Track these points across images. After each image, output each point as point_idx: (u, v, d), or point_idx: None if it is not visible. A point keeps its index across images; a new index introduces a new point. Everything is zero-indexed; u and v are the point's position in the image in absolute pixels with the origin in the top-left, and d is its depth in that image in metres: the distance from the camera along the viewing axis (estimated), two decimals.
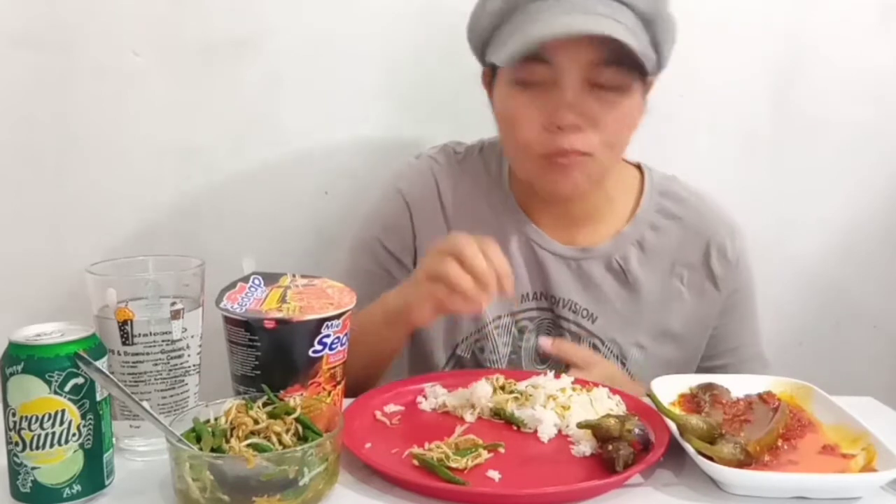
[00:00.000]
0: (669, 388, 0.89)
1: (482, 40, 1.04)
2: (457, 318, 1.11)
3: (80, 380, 0.69)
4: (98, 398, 0.71)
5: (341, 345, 0.81)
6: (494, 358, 1.11)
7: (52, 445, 0.69)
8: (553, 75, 0.96)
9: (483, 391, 0.89)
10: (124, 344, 0.78)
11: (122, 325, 0.77)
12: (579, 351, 1.07)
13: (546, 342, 1.06)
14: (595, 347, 1.10)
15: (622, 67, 0.95)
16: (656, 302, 1.11)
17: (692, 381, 0.91)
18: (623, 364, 1.10)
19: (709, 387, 0.88)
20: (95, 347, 0.71)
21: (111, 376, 0.71)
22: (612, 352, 1.10)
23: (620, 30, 0.92)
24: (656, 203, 1.12)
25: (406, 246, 1.13)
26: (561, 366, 1.04)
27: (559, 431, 0.84)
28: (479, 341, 1.11)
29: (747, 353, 1.15)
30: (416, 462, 0.76)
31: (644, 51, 0.95)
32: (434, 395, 0.92)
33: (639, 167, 1.15)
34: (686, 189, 1.14)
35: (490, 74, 1.06)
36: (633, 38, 0.93)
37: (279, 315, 0.77)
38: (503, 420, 0.87)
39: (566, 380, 0.91)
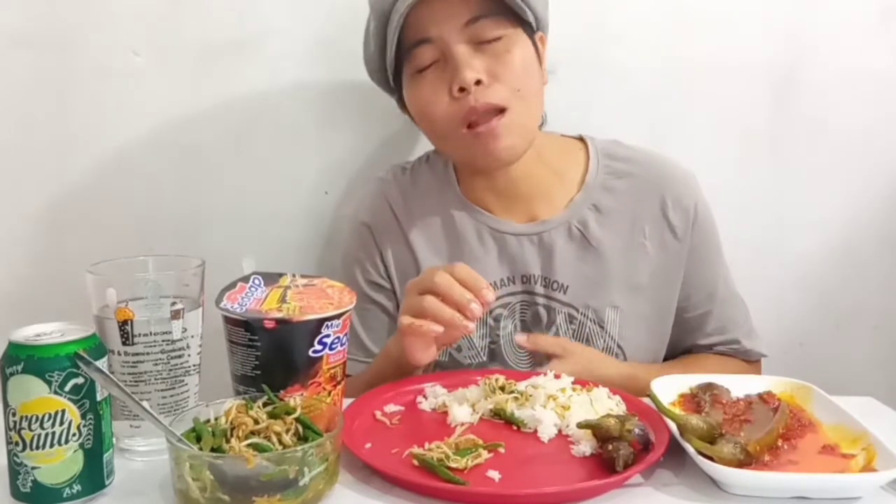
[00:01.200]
0: (669, 388, 0.89)
1: (379, 65, 1.08)
2: None
3: (80, 380, 0.70)
4: (98, 398, 0.71)
5: (341, 345, 0.81)
6: (472, 353, 1.13)
7: (52, 445, 0.69)
8: (439, 49, 1.00)
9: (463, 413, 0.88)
10: (124, 344, 0.78)
11: (122, 325, 0.77)
12: (555, 341, 1.07)
13: (521, 338, 1.06)
14: (571, 317, 1.11)
15: (497, 18, 1.00)
16: (622, 260, 1.12)
17: (692, 381, 0.91)
18: (601, 327, 1.11)
19: (709, 387, 0.88)
20: (95, 347, 0.71)
21: (111, 376, 0.71)
22: (587, 317, 1.11)
23: None
24: (604, 166, 1.14)
25: (381, 272, 1.17)
26: (542, 357, 1.05)
27: (559, 431, 0.84)
28: (463, 340, 1.12)
29: (723, 294, 1.16)
30: (416, 462, 0.76)
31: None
32: (434, 395, 0.92)
33: (581, 139, 1.18)
34: (631, 148, 1.17)
35: (402, 99, 1.11)
36: None
37: (279, 315, 0.77)
38: (503, 420, 0.87)
39: (566, 380, 0.92)
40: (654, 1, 1.36)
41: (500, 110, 1.01)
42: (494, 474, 0.74)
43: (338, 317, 0.79)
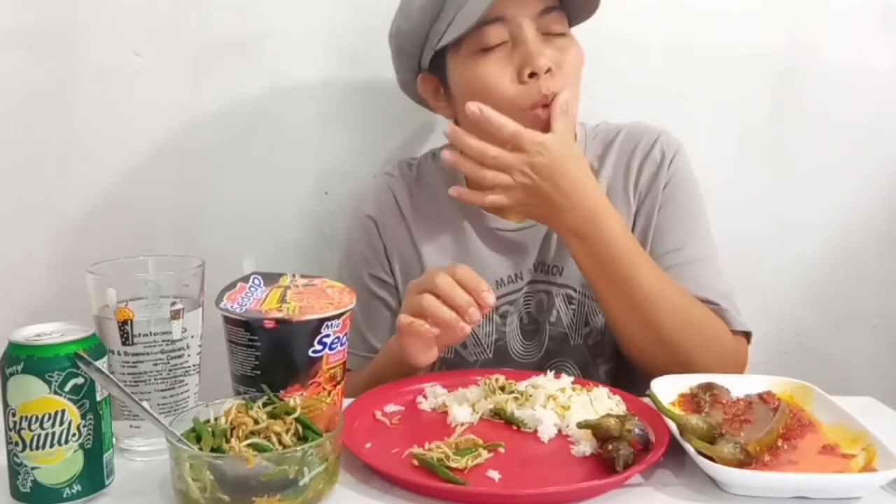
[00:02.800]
0: (669, 388, 0.88)
1: (416, 42, 1.08)
2: None
3: (80, 380, 0.70)
4: (98, 398, 0.71)
5: (341, 345, 0.81)
6: (478, 350, 1.13)
7: (52, 445, 0.69)
8: (511, 31, 1.01)
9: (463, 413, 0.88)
10: (124, 344, 0.78)
11: (122, 325, 0.77)
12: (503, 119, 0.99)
13: (446, 153, 1.01)
14: (569, 297, 1.11)
15: (563, 14, 1.04)
16: None
17: (692, 381, 0.91)
18: (597, 302, 1.07)
19: (709, 387, 0.88)
20: (95, 347, 0.71)
21: (111, 376, 0.71)
22: (585, 295, 1.11)
23: None
24: (593, 148, 1.15)
25: (385, 267, 1.17)
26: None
27: (559, 431, 0.84)
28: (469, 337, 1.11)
29: (692, 254, 1.08)
30: (416, 462, 0.76)
31: None
32: (434, 395, 0.92)
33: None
34: (614, 124, 1.18)
35: (432, 78, 1.10)
36: None
37: (279, 315, 0.77)
38: (503, 420, 0.87)
39: (566, 380, 0.91)
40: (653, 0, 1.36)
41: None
42: (494, 474, 0.74)
43: (338, 317, 0.79)
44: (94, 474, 0.72)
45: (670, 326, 0.97)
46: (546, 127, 0.99)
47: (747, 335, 1.06)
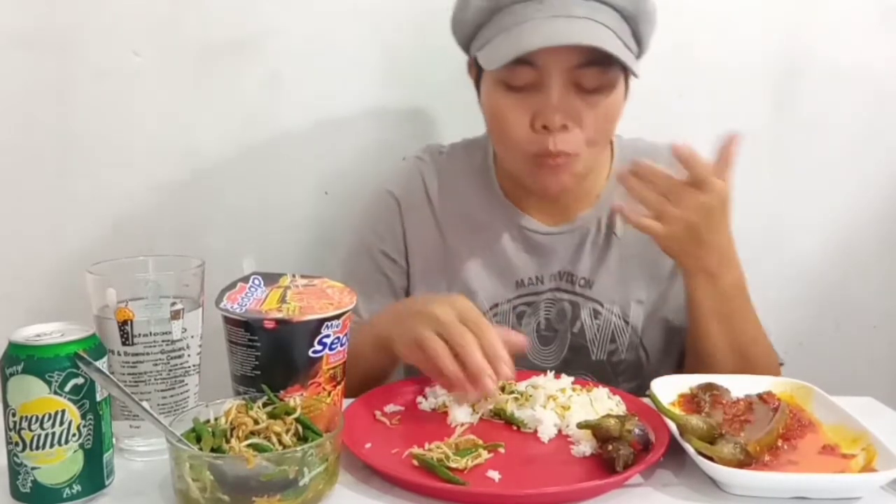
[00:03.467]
0: (669, 388, 0.89)
1: (466, 35, 1.06)
2: None
3: (80, 380, 0.69)
4: (98, 398, 0.71)
5: (341, 345, 0.81)
6: None
7: (52, 445, 0.69)
8: (538, 78, 0.98)
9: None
10: (124, 344, 0.78)
11: (122, 325, 0.77)
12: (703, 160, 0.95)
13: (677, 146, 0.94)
14: (596, 312, 1.11)
15: (603, 67, 0.97)
16: (645, 253, 1.10)
17: (692, 381, 0.91)
18: (626, 322, 1.11)
19: (709, 387, 0.88)
20: (95, 347, 0.71)
21: (111, 376, 0.71)
22: (612, 312, 1.11)
23: (603, 34, 0.96)
24: (629, 160, 1.13)
25: (399, 248, 1.15)
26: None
27: (559, 431, 0.84)
28: None
29: None
30: (416, 462, 0.76)
31: (622, 51, 0.96)
32: (434, 395, 0.92)
33: None
34: (654, 142, 1.17)
35: (476, 65, 1.07)
36: (614, 38, 0.96)
37: (279, 315, 0.77)
38: (503, 420, 0.87)
39: (566, 380, 0.92)
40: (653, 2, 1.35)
41: (572, 154, 1.01)
42: (494, 474, 0.74)
43: (338, 317, 0.79)
44: (94, 474, 0.72)
45: (757, 357, 1.02)
46: (548, 174, 1.01)
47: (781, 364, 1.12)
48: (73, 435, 0.70)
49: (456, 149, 1.20)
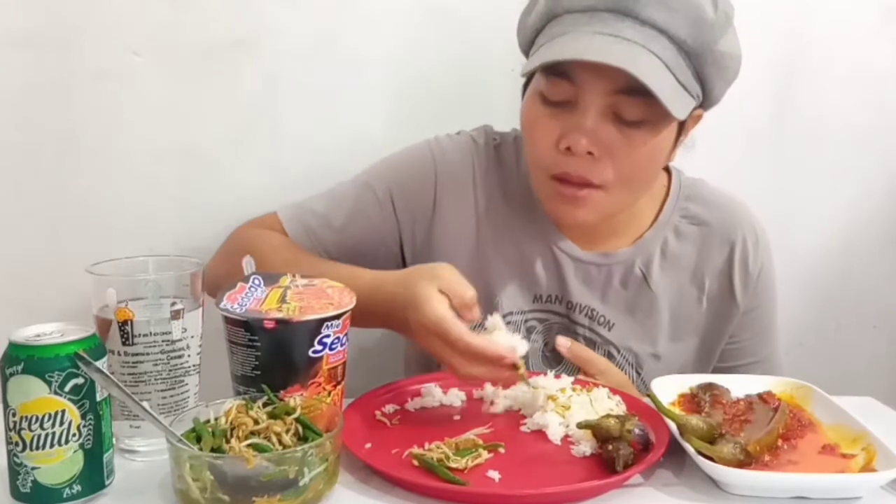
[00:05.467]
0: (669, 388, 0.89)
1: (527, 39, 1.00)
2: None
3: (80, 380, 0.69)
4: (98, 398, 0.71)
5: (341, 345, 0.81)
6: None
7: (52, 445, 0.69)
8: (575, 95, 0.92)
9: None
10: (124, 344, 0.78)
11: (122, 325, 0.77)
12: (595, 359, 0.99)
13: (564, 343, 0.98)
14: (610, 355, 1.07)
15: (648, 99, 0.88)
16: (675, 309, 1.08)
17: (692, 381, 0.91)
18: (638, 373, 1.08)
19: (709, 387, 0.88)
20: (95, 347, 0.71)
21: (111, 376, 0.71)
22: (627, 360, 1.08)
23: (646, 62, 0.87)
24: (681, 208, 1.09)
25: (415, 215, 1.08)
26: (572, 369, 1.00)
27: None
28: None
29: (763, 368, 1.12)
30: (416, 462, 0.76)
31: (667, 84, 0.88)
32: (433, 395, 0.92)
33: (667, 169, 1.11)
34: (714, 192, 1.11)
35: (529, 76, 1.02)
36: (662, 72, 0.88)
37: (279, 315, 0.77)
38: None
39: (566, 380, 0.91)
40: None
41: (595, 185, 0.94)
42: (494, 474, 0.75)
43: (338, 317, 0.79)
44: (94, 474, 0.72)
45: None
46: (566, 203, 0.96)
47: None
48: (73, 435, 0.70)
49: (507, 140, 1.12)
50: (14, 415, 0.69)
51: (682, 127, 0.98)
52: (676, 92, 0.90)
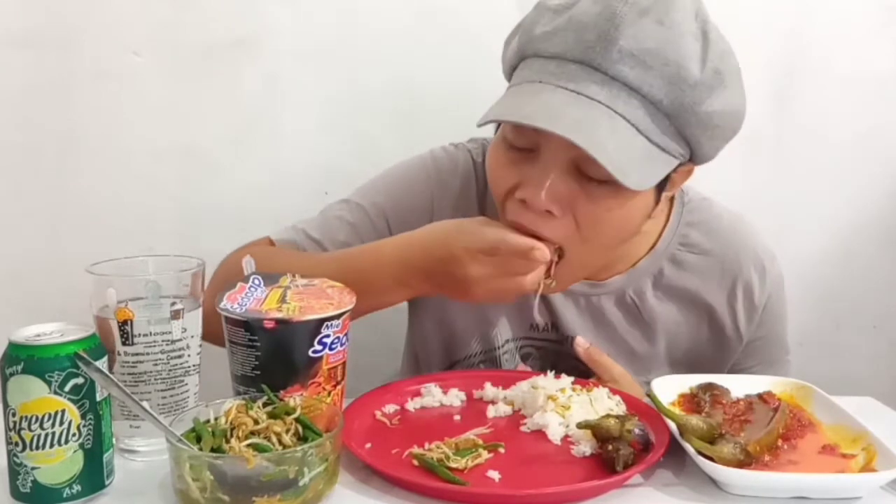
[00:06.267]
0: (669, 388, 0.88)
1: (506, 73, 0.96)
2: (458, 337, 1.07)
3: (80, 380, 0.69)
4: (98, 398, 0.71)
5: (341, 345, 0.81)
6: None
7: (52, 445, 0.69)
8: (538, 145, 0.85)
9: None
10: (124, 344, 0.78)
11: (122, 325, 0.77)
12: (610, 366, 0.95)
13: (582, 343, 0.95)
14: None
15: None
16: (672, 340, 1.04)
17: (692, 381, 0.91)
18: None
19: (709, 387, 0.88)
20: (95, 347, 0.71)
21: (111, 376, 0.71)
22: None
23: (603, 128, 0.80)
24: (682, 235, 1.02)
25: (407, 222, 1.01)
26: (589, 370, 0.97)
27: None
28: (483, 363, 1.06)
29: (775, 362, 1.09)
30: (416, 462, 0.76)
31: (636, 154, 0.81)
32: (432, 395, 0.92)
33: None
34: (718, 218, 1.04)
35: None
36: (623, 138, 0.80)
37: (279, 315, 0.77)
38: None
39: (566, 380, 0.91)
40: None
41: (552, 243, 0.86)
42: (494, 474, 0.74)
43: (338, 317, 0.79)
44: (94, 474, 0.72)
45: None
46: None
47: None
48: (73, 435, 0.70)
49: None
50: (14, 415, 0.69)
51: (667, 180, 0.89)
52: (643, 158, 0.82)
